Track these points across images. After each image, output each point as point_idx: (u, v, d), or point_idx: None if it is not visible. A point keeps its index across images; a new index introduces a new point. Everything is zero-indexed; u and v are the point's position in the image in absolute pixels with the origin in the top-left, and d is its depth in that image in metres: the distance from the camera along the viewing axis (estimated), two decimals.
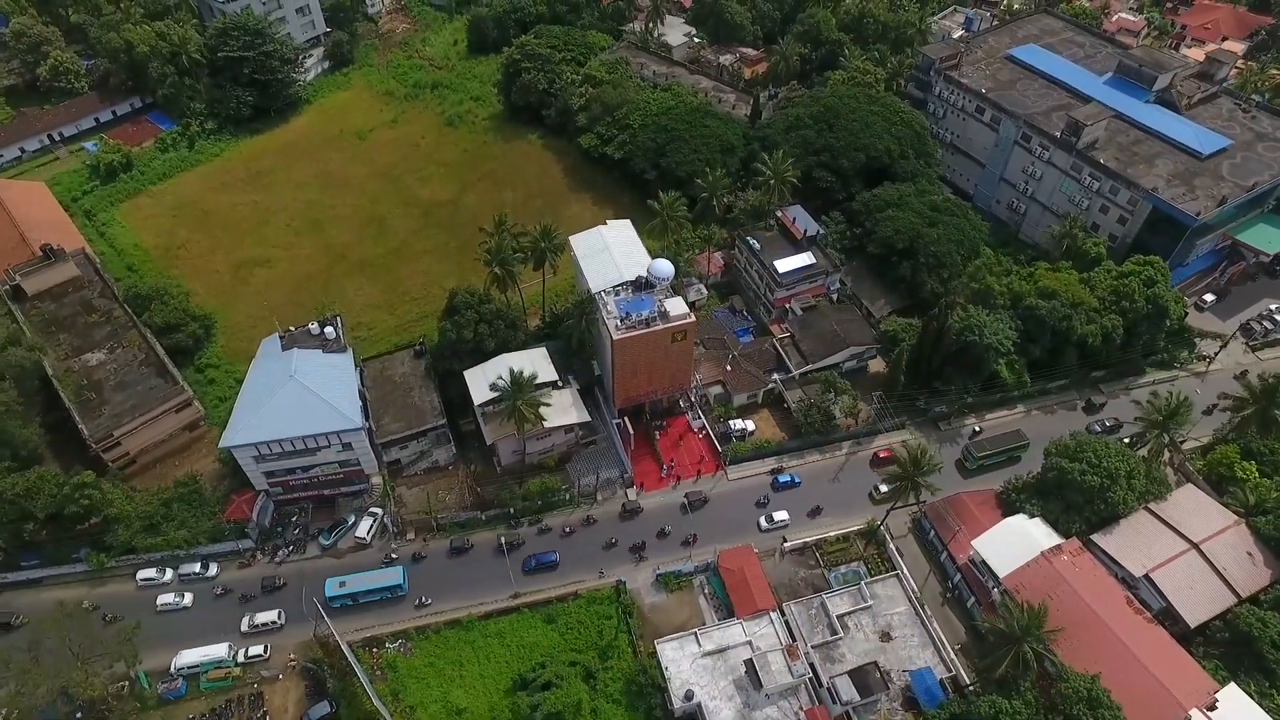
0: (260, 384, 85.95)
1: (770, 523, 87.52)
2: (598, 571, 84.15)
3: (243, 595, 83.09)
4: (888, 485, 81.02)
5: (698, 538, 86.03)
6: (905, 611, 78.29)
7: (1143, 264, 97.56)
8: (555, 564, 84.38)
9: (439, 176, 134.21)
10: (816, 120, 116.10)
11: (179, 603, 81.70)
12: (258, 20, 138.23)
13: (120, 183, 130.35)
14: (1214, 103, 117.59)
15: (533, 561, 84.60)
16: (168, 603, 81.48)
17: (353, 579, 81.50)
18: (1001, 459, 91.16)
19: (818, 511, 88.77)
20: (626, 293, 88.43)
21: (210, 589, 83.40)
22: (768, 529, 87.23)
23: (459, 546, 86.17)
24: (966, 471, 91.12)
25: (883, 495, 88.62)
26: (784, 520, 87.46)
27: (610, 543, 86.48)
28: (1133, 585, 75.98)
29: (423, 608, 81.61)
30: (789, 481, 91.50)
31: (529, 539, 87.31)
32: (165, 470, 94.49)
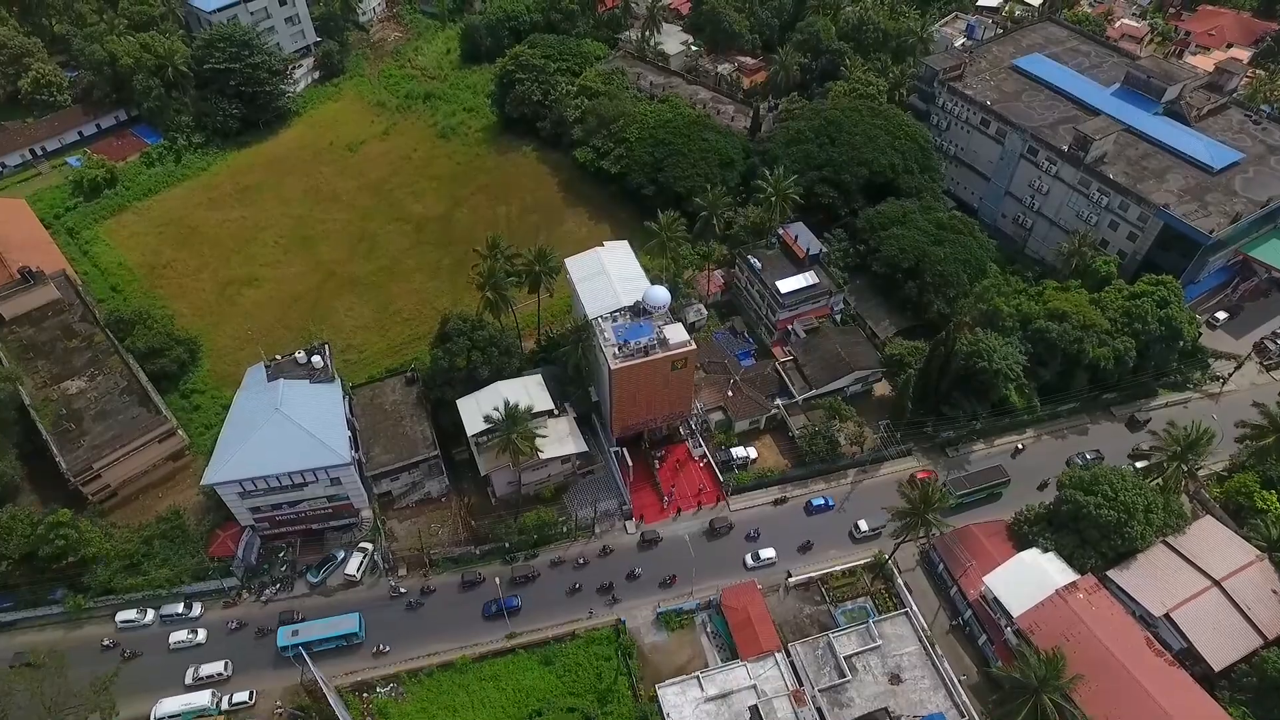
0: (245, 417, 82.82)
1: (756, 561, 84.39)
2: (589, 611, 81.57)
3: (259, 630, 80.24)
4: (897, 519, 78.09)
5: (676, 578, 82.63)
6: (915, 652, 75.48)
7: (1155, 284, 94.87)
8: (517, 609, 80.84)
9: (431, 190, 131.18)
10: (818, 134, 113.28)
11: (193, 640, 79.04)
12: (245, 31, 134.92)
13: (104, 199, 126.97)
14: (1224, 114, 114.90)
15: (493, 606, 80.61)
16: (181, 640, 78.82)
17: (306, 627, 77.92)
18: (981, 496, 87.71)
19: (808, 547, 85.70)
20: (624, 319, 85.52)
21: (225, 624, 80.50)
22: (754, 567, 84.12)
23: (471, 580, 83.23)
24: (946, 511, 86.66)
25: (863, 534, 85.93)
26: (770, 558, 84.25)
27: (632, 573, 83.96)
28: (1152, 624, 73.27)
29: (381, 655, 78.19)
30: (823, 505, 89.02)
31: (543, 570, 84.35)
32: (148, 502, 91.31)
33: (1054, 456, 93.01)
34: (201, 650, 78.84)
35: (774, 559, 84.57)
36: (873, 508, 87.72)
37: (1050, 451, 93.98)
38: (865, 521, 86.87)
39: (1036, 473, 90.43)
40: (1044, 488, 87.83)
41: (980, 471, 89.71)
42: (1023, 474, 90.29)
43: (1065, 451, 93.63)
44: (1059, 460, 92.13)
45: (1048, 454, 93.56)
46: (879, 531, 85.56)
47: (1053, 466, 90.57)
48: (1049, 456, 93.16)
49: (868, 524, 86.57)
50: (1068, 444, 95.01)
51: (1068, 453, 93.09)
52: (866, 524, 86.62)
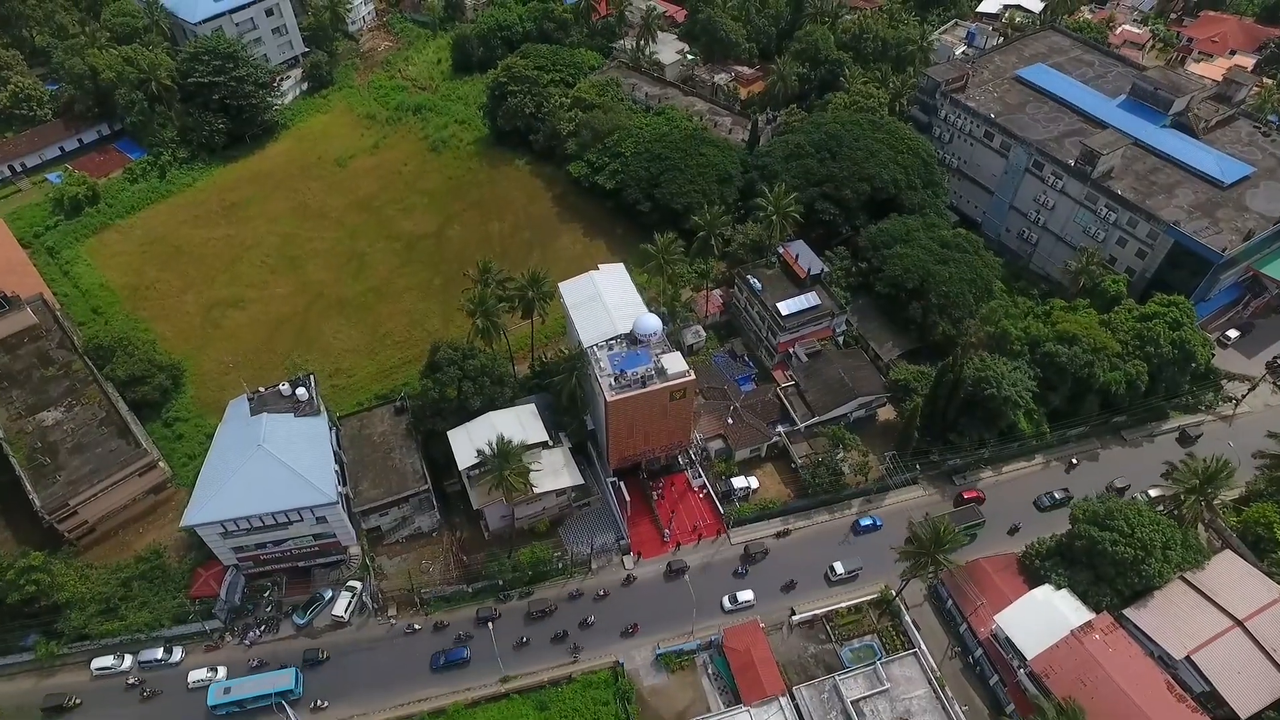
0: (226, 454, 79.64)
1: (734, 603, 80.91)
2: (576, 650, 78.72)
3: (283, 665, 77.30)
4: (904, 558, 75.17)
5: (638, 627, 79.04)
6: (925, 695, 72.69)
7: (1167, 304, 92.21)
8: (466, 660, 77.18)
9: (422, 207, 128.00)
10: (818, 148, 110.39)
11: (212, 678, 76.13)
12: (229, 44, 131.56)
13: (86, 216, 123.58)
14: (1232, 125, 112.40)
15: (441, 659, 77.14)
16: (200, 679, 75.97)
17: (239, 684, 74.48)
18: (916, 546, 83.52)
19: (791, 586, 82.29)
20: (620, 347, 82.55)
21: (246, 660, 77.79)
22: (732, 609, 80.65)
23: (486, 617, 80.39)
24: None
25: (839, 577, 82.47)
26: (749, 601, 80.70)
27: (586, 621, 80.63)
28: (1171, 666, 70.51)
29: (319, 712, 74.78)
30: (871, 524, 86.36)
31: (560, 604, 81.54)
32: (128, 538, 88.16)
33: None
34: None
35: (751, 602, 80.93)
36: (879, 545, 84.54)
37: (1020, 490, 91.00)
38: (841, 564, 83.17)
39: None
40: (1014, 532, 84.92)
41: (953, 513, 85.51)
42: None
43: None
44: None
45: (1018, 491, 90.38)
46: (855, 574, 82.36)
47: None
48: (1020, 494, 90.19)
49: (844, 566, 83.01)
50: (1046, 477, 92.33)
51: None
52: (842, 566, 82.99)
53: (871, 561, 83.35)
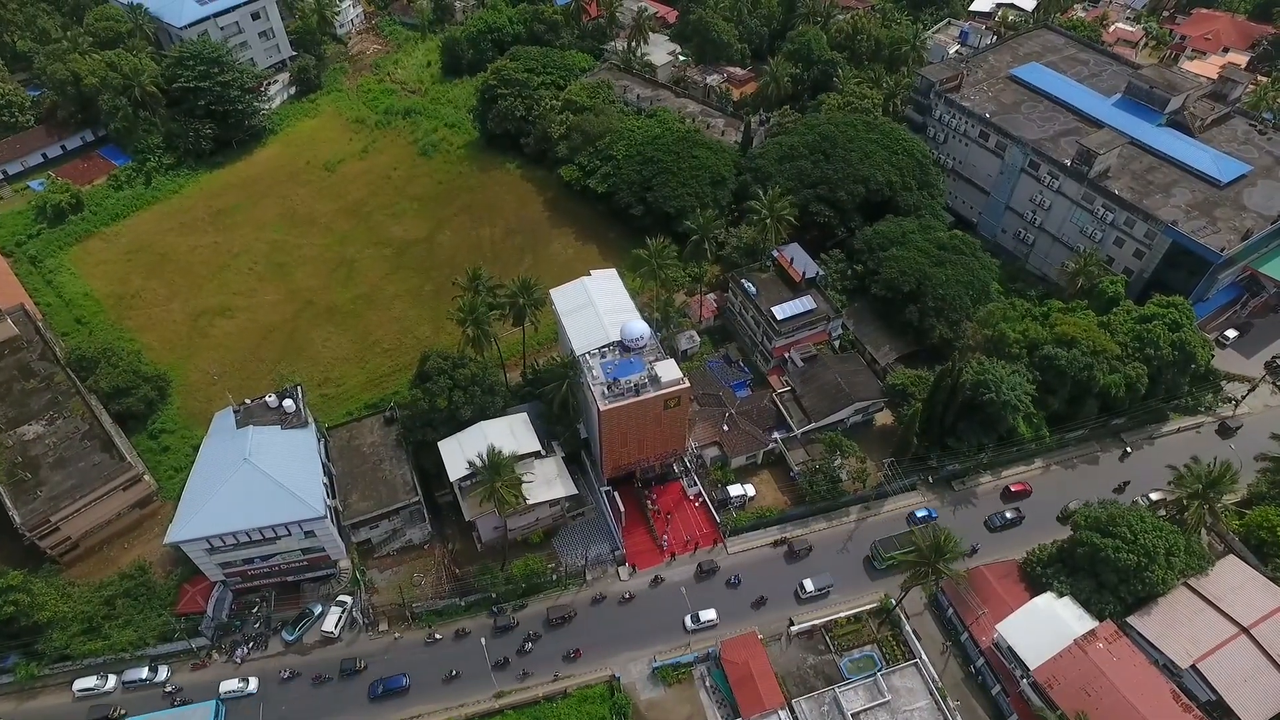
0: (211, 468, 77.90)
1: (696, 623, 78.66)
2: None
3: (316, 676, 75.97)
4: (904, 567, 73.97)
5: (581, 652, 76.68)
6: (927, 706, 71.42)
7: (1166, 305, 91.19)
8: (405, 688, 74.51)
9: (412, 212, 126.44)
10: (812, 149, 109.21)
11: (244, 689, 74.68)
12: (214, 48, 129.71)
13: (69, 224, 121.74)
14: (1228, 124, 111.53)
15: (379, 687, 74.53)
16: (232, 690, 74.58)
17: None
18: (913, 556, 79.33)
19: (761, 603, 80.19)
20: (613, 354, 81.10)
21: (277, 672, 76.12)
22: (694, 629, 78.52)
23: (504, 625, 78.86)
24: (874, 572, 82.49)
25: (809, 594, 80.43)
26: (712, 620, 78.45)
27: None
28: (1176, 675, 69.38)
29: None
30: (926, 515, 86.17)
31: (581, 608, 79.53)
32: (113, 554, 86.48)
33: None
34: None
35: (715, 621, 78.71)
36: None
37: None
38: (811, 581, 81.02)
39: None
40: (973, 553, 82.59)
41: (911, 533, 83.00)
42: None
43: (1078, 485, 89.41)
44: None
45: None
46: (826, 591, 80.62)
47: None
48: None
49: (814, 584, 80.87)
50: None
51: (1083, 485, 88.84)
52: (813, 584, 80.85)
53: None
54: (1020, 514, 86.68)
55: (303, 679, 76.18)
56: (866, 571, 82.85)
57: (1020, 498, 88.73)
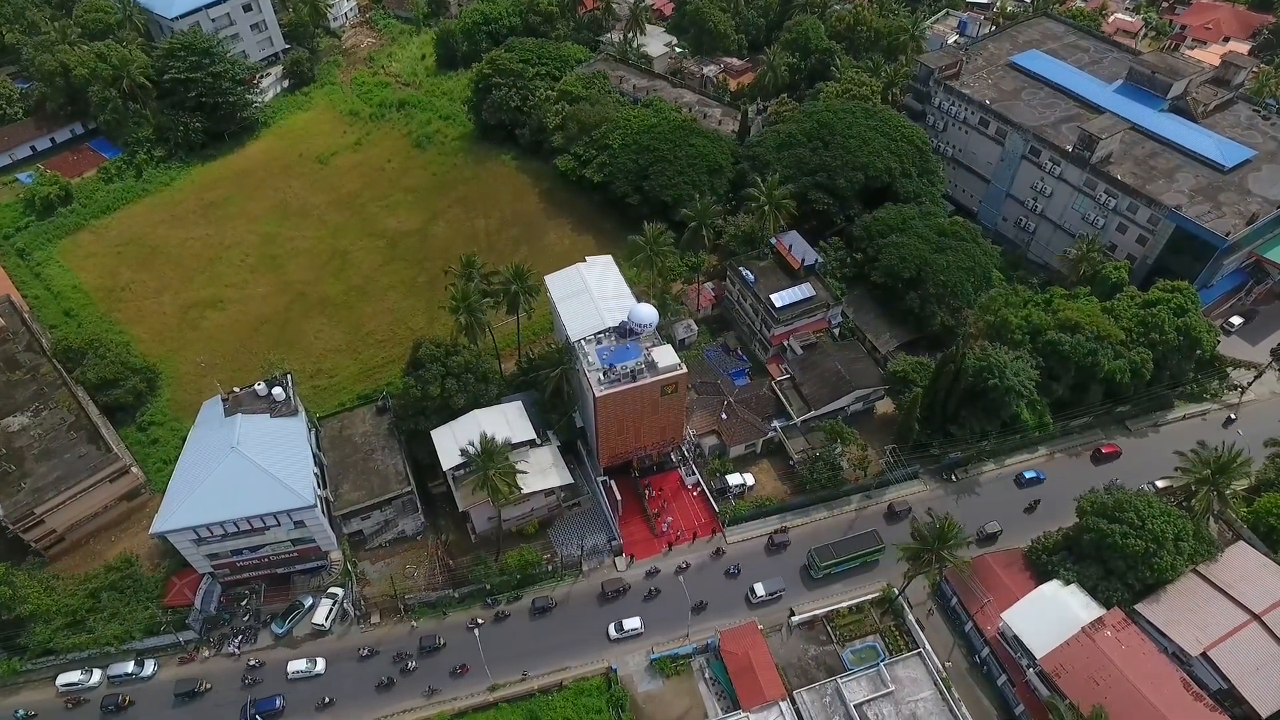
0: (198, 457, 76.26)
1: (620, 631, 75.34)
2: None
3: (396, 654, 74.51)
4: (907, 556, 72.19)
5: (467, 668, 73.48)
6: (931, 697, 69.72)
7: (1171, 290, 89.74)
8: (279, 711, 71.46)
9: (406, 204, 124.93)
10: (810, 137, 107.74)
11: (310, 669, 73.39)
12: (205, 39, 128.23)
13: (59, 217, 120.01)
14: (1231, 110, 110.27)
15: (252, 711, 71.21)
16: (299, 670, 73.33)
17: None
18: (854, 564, 79.47)
19: (702, 607, 77.03)
20: (609, 340, 79.53)
21: (356, 651, 75.03)
22: (618, 638, 75.20)
23: (543, 606, 77.74)
24: (811, 581, 79.44)
25: (760, 598, 77.44)
26: (636, 629, 75.42)
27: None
28: (1186, 663, 67.79)
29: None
30: (1035, 478, 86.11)
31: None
32: (100, 547, 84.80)
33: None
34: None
35: (639, 629, 75.78)
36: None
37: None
38: (762, 586, 77.97)
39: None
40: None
41: (851, 539, 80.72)
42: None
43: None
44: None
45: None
46: (778, 595, 77.88)
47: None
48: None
49: (765, 588, 77.89)
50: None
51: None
52: (764, 588, 77.86)
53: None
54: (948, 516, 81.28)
55: (382, 657, 75.19)
56: (803, 580, 79.67)
57: (1111, 459, 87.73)
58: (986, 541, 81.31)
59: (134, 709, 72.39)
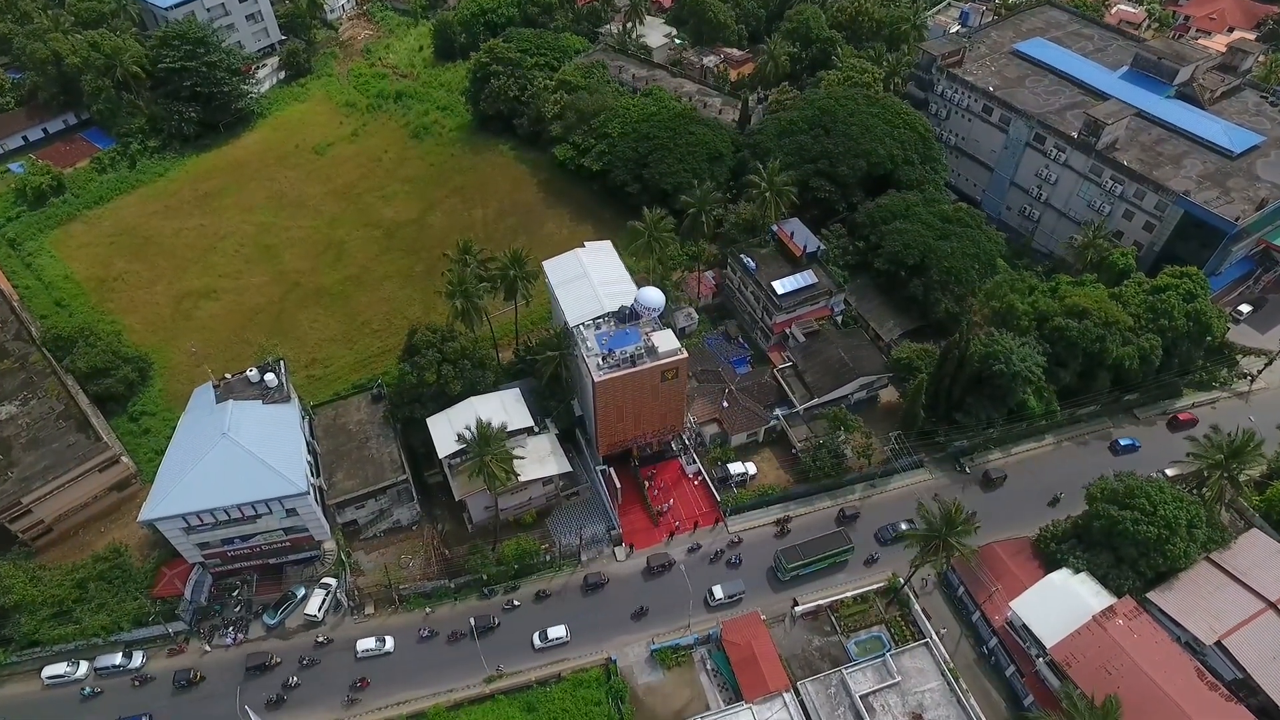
0: (189, 443, 74.64)
1: (545, 640, 72.94)
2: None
3: (452, 634, 73.97)
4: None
5: (367, 682, 70.75)
6: (938, 688, 68.07)
7: (1180, 276, 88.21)
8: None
9: (403, 194, 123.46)
10: (811, 124, 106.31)
11: (380, 648, 72.69)
12: (200, 29, 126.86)
13: (51, 207, 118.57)
14: (1238, 96, 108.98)
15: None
16: (369, 648, 72.58)
17: None
18: (822, 565, 77.02)
19: (642, 613, 74.34)
20: (609, 325, 77.97)
21: (416, 629, 74.29)
22: (541, 648, 72.66)
23: (595, 583, 76.73)
24: (778, 584, 76.82)
25: (718, 601, 74.93)
26: (560, 638, 72.83)
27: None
28: (1199, 653, 66.15)
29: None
30: (1130, 445, 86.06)
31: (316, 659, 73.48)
32: (89, 538, 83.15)
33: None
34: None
35: (564, 638, 73.11)
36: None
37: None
38: (720, 588, 75.37)
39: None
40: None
41: (819, 539, 78.06)
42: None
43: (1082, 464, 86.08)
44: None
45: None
46: (737, 598, 75.41)
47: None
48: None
49: (723, 591, 75.25)
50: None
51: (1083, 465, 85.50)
52: (722, 591, 75.25)
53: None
54: (913, 525, 78.14)
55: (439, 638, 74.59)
56: (769, 583, 77.17)
57: (1188, 426, 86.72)
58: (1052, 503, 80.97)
59: (205, 684, 71.74)
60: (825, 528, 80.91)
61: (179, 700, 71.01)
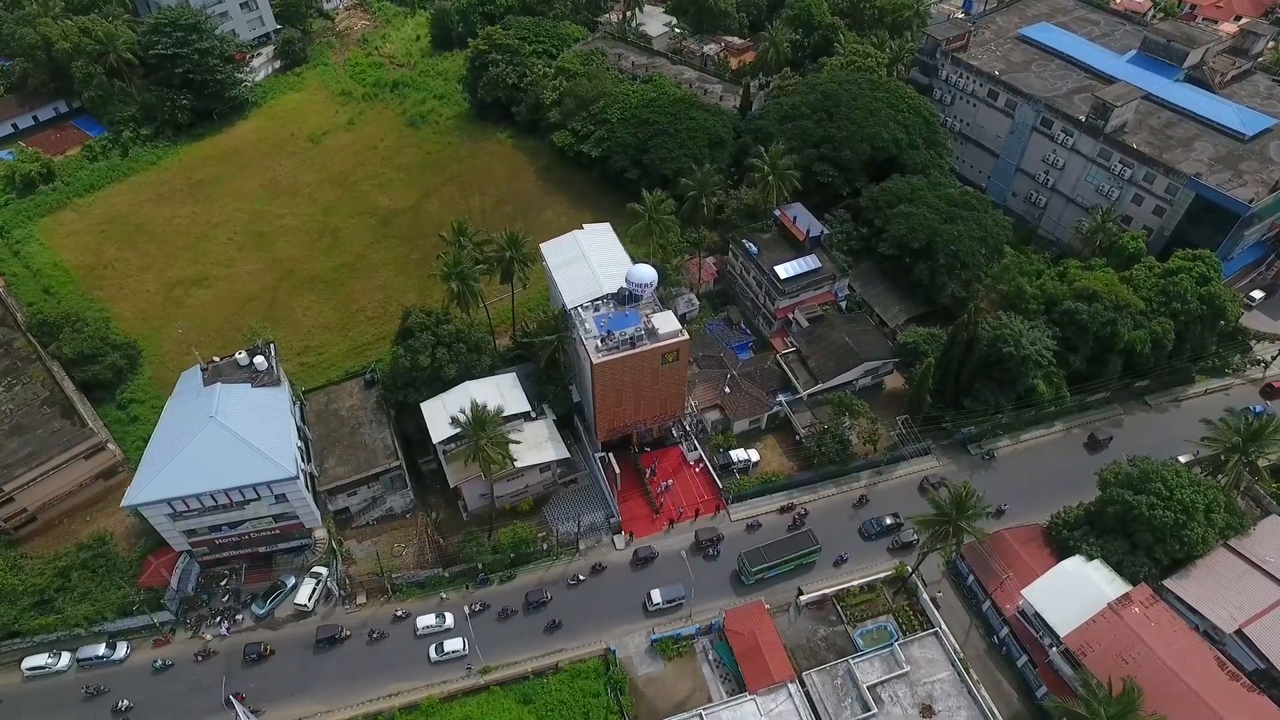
0: (175, 427, 72.50)
1: (441, 654, 69.72)
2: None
3: (502, 611, 72.78)
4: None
5: (242, 696, 66.66)
6: (948, 678, 65.89)
7: (1192, 258, 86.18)
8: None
9: (399, 182, 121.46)
10: (814, 109, 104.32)
11: (440, 624, 71.53)
12: (192, 15, 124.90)
13: (40, 195, 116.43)
14: (1249, 80, 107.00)
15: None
16: (429, 625, 71.59)
17: None
18: (788, 568, 74.02)
19: (556, 628, 71.62)
20: (607, 307, 75.86)
21: (469, 603, 73.24)
22: (437, 660, 69.69)
23: (646, 556, 74.84)
24: (742, 587, 73.98)
25: (656, 606, 72.04)
26: (457, 651, 69.82)
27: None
28: (1219, 641, 63.99)
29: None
30: (1262, 412, 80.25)
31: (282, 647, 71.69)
32: (75, 527, 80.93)
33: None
34: None
35: (462, 652, 69.90)
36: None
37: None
38: (659, 593, 72.41)
39: None
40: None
41: (784, 540, 74.98)
42: None
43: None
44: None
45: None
46: (679, 602, 72.26)
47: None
48: None
49: (662, 596, 72.29)
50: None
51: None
52: (660, 595, 72.27)
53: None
54: (899, 519, 77.49)
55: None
56: (732, 586, 74.32)
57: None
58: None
59: (275, 658, 70.95)
60: (840, 511, 78.43)
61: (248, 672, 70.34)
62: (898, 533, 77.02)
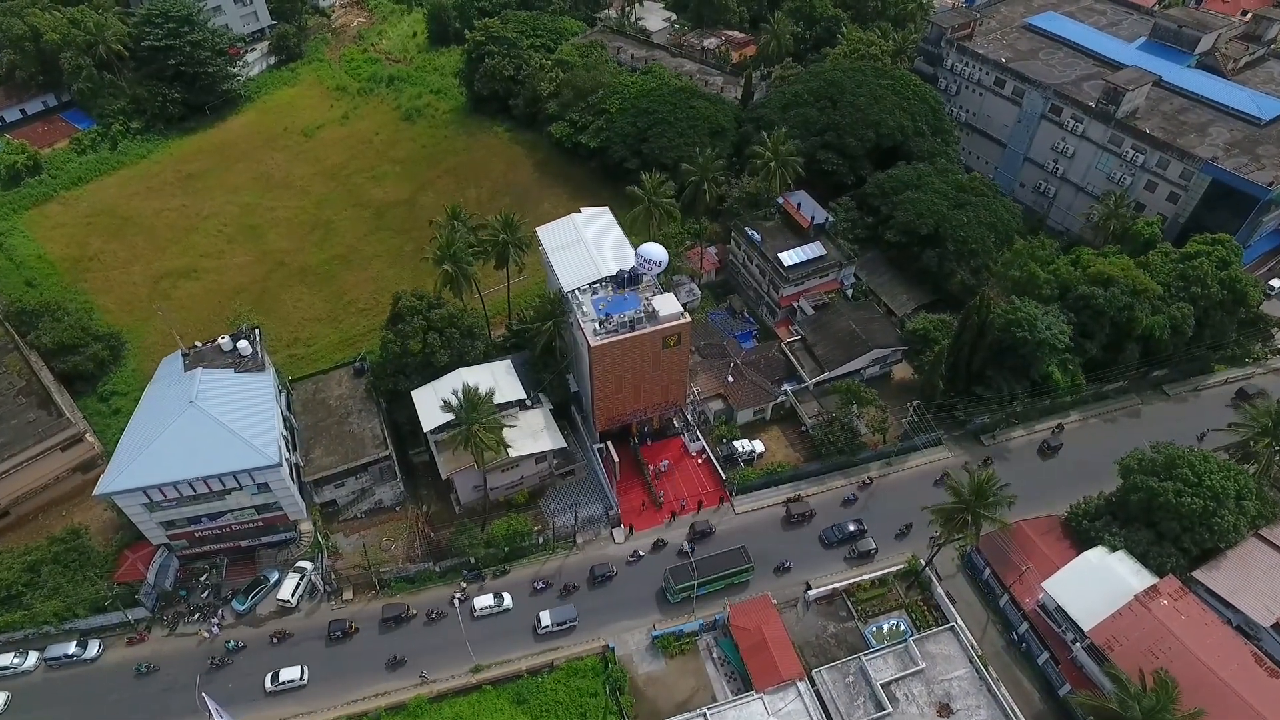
0: (153, 413, 69.31)
1: (276, 683, 64.64)
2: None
3: (566, 586, 70.79)
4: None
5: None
6: (966, 675, 62.31)
7: (1211, 243, 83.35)
8: None
9: (394, 175, 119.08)
10: (818, 96, 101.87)
11: (499, 605, 69.08)
12: (184, 7, 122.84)
13: (26, 187, 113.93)
14: (1263, 66, 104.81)
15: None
16: (487, 606, 69.18)
17: None
18: (718, 586, 68.87)
19: (549, 633, 67.92)
20: (606, 291, 72.89)
21: (532, 583, 71.13)
22: (274, 689, 64.45)
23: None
24: (666, 605, 69.53)
25: (545, 630, 67.62)
26: (294, 680, 64.56)
27: None
28: (1253, 635, 60.51)
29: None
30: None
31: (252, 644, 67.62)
32: (49, 521, 77.57)
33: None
34: None
35: (299, 681, 65.00)
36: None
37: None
38: (548, 615, 68.15)
39: None
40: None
41: (715, 556, 70.06)
42: None
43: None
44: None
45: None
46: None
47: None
48: None
49: (551, 618, 67.97)
50: None
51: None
52: (550, 618, 67.94)
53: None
54: (862, 526, 74.16)
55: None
56: (658, 605, 69.92)
57: None
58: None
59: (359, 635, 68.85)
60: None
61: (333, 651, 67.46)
62: (856, 542, 72.77)
